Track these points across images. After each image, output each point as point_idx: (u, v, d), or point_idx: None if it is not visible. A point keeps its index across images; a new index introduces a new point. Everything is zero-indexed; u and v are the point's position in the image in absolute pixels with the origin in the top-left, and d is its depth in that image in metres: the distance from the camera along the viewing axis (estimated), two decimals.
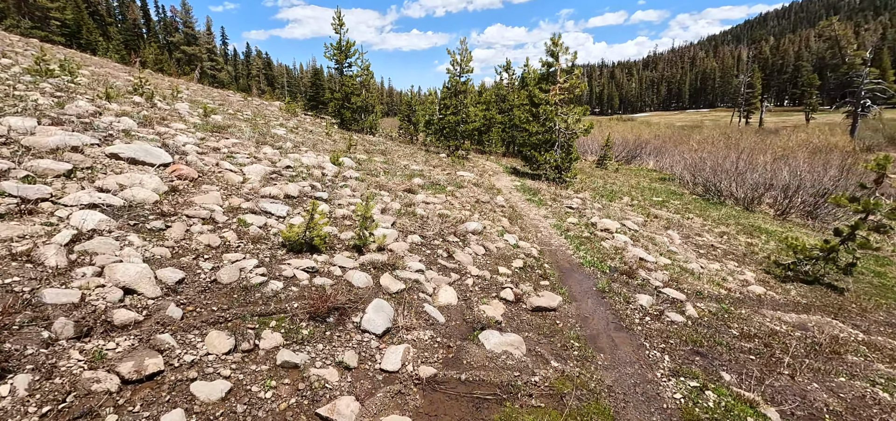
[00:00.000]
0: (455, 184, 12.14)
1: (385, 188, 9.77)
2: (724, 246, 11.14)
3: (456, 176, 14.59)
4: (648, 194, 17.81)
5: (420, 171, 14.00)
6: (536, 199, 12.23)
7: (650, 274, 7.52)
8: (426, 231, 7.47)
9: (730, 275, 8.61)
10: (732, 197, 17.56)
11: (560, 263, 7.57)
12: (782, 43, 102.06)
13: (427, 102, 25.28)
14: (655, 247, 9.35)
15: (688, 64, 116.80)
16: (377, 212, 7.85)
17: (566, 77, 16.25)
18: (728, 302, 7.04)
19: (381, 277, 5.36)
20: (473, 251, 7.17)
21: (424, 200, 9.45)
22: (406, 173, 12.40)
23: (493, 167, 19.71)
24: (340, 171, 10.24)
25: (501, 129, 26.93)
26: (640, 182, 22.65)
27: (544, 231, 9.29)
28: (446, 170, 15.48)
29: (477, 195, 11.34)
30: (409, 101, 27.16)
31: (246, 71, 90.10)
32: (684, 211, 14.70)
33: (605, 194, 15.78)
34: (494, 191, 12.90)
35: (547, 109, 16.15)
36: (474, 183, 13.45)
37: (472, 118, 20.12)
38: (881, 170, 8.30)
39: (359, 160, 13.11)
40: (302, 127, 18.82)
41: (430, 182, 11.68)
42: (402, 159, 16.32)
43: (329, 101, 29.74)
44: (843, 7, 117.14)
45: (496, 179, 15.95)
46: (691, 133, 41.56)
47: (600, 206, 13.08)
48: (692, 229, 12.38)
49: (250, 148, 10.60)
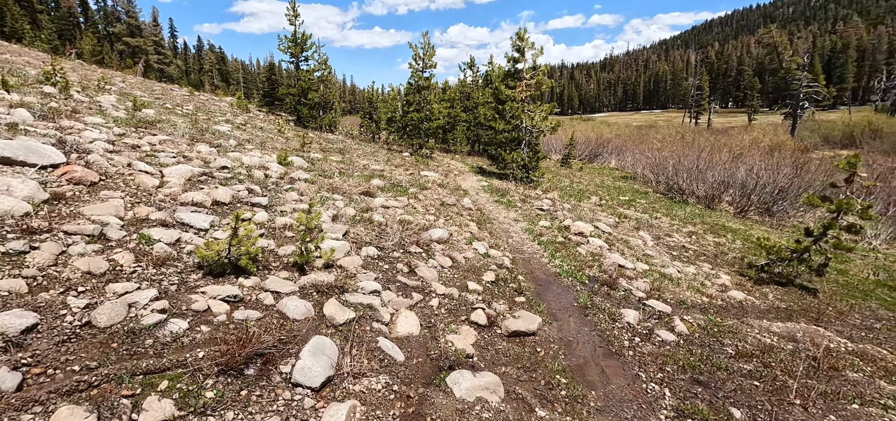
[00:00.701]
0: (418, 185, 11.14)
1: (339, 191, 8.63)
2: (695, 246, 10.77)
3: (419, 176, 13.59)
4: (615, 193, 17.52)
5: (380, 171, 12.90)
6: (505, 201, 11.44)
7: (631, 283, 6.84)
8: (384, 241, 6.44)
9: (707, 279, 8.12)
10: (694, 195, 17.57)
11: (535, 274, 6.75)
12: (726, 48, 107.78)
13: (389, 99, 24.09)
14: (631, 251, 8.76)
15: (642, 67, 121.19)
16: (327, 219, 6.73)
17: (533, 73, 15.61)
18: (713, 312, 6.47)
19: (326, 304, 4.30)
20: (439, 264, 6.21)
21: (384, 204, 8.40)
22: (365, 174, 11.27)
23: (459, 167, 18.86)
24: (288, 173, 8.99)
25: (466, 127, 26.16)
26: (605, 181, 22.50)
27: (516, 236, 8.48)
28: (409, 170, 14.44)
29: (442, 197, 10.40)
30: (370, 98, 25.86)
31: (198, 66, 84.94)
32: (651, 210, 14.40)
33: (574, 194, 15.28)
34: (461, 192, 12.01)
35: (513, 107, 15.44)
36: (439, 184, 12.51)
37: (437, 116, 19.18)
38: (852, 169, 8.05)
39: (312, 160, 11.84)
40: (251, 124, 17.20)
41: (391, 183, 10.62)
42: (362, 158, 15.14)
43: (285, 98, 27.98)
44: (778, 16, 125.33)
45: (462, 180, 15.08)
46: (648, 133, 42.55)
47: (570, 207, 12.48)
48: (662, 229, 11.99)
49: (182, 146, 9.15)
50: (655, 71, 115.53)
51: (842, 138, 41.37)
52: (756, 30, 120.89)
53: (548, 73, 15.62)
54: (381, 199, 8.65)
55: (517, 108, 15.39)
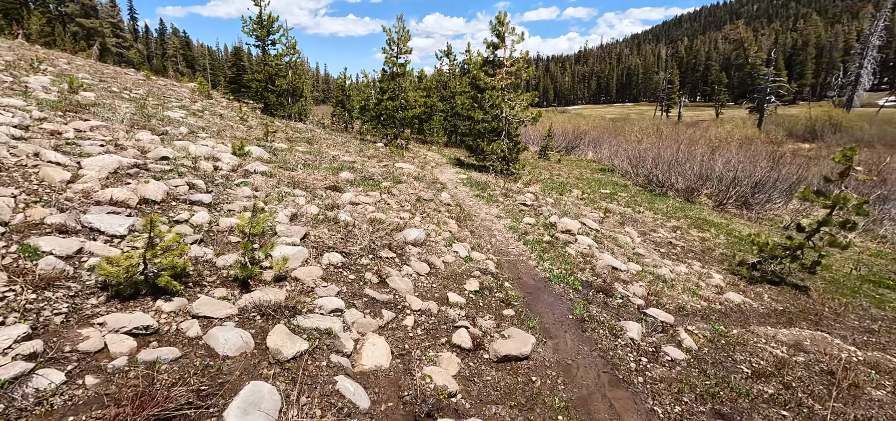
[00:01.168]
0: (392, 178, 10.20)
1: (302, 186, 7.61)
2: (681, 242, 10.30)
3: (394, 169, 12.63)
4: (595, 186, 17.04)
5: (351, 163, 11.87)
6: (486, 195, 10.65)
7: (627, 287, 6.17)
8: (352, 245, 5.52)
9: (700, 279, 7.59)
10: (673, 188, 17.30)
11: (523, 279, 5.98)
12: (695, 44, 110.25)
13: (362, 87, 22.88)
14: (621, 250, 8.13)
15: (615, 60, 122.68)
16: (284, 220, 5.74)
17: (513, 60, 14.81)
18: (715, 318, 5.88)
19: (272, 333, 3.38)
20: (414, 271, 5.35)
21: (353, 201, 7.45)
22: (333, 166, 10.24)
23: (436, 158, 17.95)
24: (243, 165, 7.89)
25: (443, 117, 25.23)
26: (584, 173, 22.08)
27: (499, 235, 7.70)
28: (383, 162, 13.45)
29: (418, 191, 9.50)
30: (342, 86, 24.54)
31: (160, 50, 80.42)
32: (634, 204, 13.94)
33: (555, 187, 14.65)
34: (438, 186, 11.14)
35: (492, 95, 14.63)
36: (415, 177, 11.60)
37: (413, 104, 18.17)
38: (848, 162, 7.64)
39: (275, 150, 10.71)
40: (211, 110, 15.78)
41: (362, 177, 9.64)
42: (332, 149, 14.03)
43: (251, 84, 26.32)
44: (743, 13, 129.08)
45: (439, 172, 14.20)
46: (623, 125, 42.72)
47: (553, 202, 11.81)
48: (646, 225, 11.49)
49: (118, 133, 7.92)
50: (628, 64, 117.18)
51: (804, 132, 42.69)
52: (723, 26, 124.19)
53: (524, 63, 14.87)
54: (349, 195, 7.69)
55: (497, 96, 14.58)
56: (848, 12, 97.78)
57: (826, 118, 42.61)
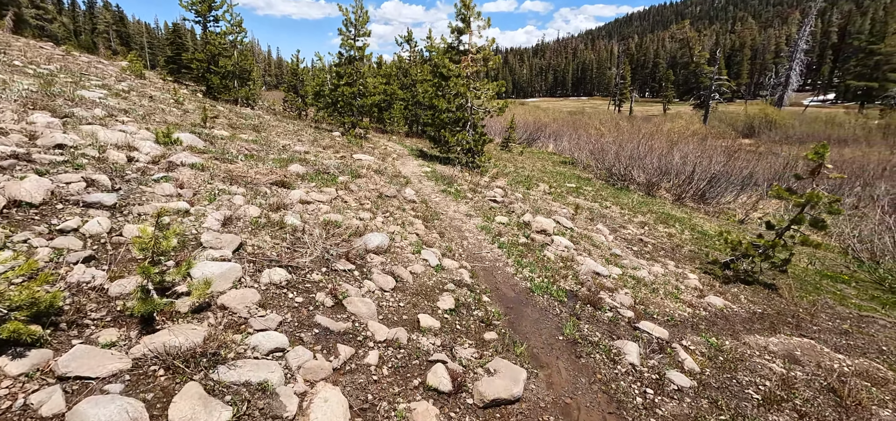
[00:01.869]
0: (350, 172, 9.14)
1: (242, 181, 6.43)
2: (651, 239, 10.02)
3: (352, 161, 11.52)
4: (560, 180, 16.72)
5: (304, 154, 10.66)
6: (453, 191, 9.83)
7: (613, 296, 5.59)
8: (300, 256, 4.52)
9: (678, 281, 7.21)
10: (635, 182, 17.32)
11: (502, 291, 5.24)
12: (644, 41, 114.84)
13: (317, 71, 21.29)
14: (598, 250, 7.61)
15: (570, 54, 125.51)
16: (213, 225, 4.63)
17: (479, 48, 14.02)
18: (704, 327, 5.44)
19: (177, 398, 2.38)
20: (378, 286, 4.45)
21: (304, 199, 6.38)
22: (282, 158, 9.01)
23: (397, 149, 16.90)
24: (167, 155, 6.57)
25: (404, 106, 24.11)
26: (547, 166, 21.84)
27: (471, 238, 6.91)
28: (340, 153, 12.28)
29: (379, 187, 8.52)
30: (295, 69, 22.75)
31: (90, 25, 72.83)
32: (600, 199, 13.67)
33: (522, 181, 14.11)
34: (401, 180, 10.19)
35: (458, 84, 13.79)
36: (375, 170, 10.57)
37: (372, 91, 16.96)
38: (819, 160, 7.51)
39: (213, 138, 9.31)
40: (139, 91, 13.87)
41: (316, 170, 8.51)
42: (282, 138, 12.66)
43: (191, 64, 23.94)
44: (688, 14, 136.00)
45: (402, 165, 13.22)
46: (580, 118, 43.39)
47: (521, 197, 11.21)
48: (615, 221, 11.17)
49: (4, 113, 6.36)
50: (582, 59, 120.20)
51: (744, 128, 45.34)
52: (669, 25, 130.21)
53: (493, 50, 14.14)
54: (300, 192, 6.59)
55: (462, 85, 13.76)
56: (778, 18, 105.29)
57: (762, 116, 45.40)
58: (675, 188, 16.83)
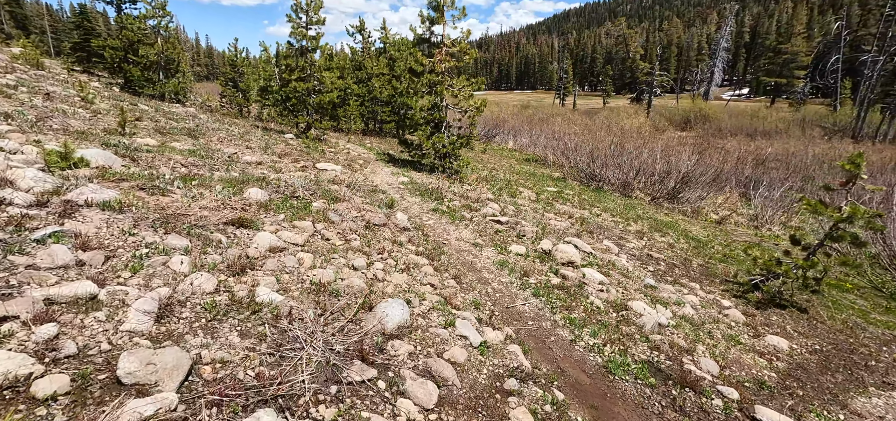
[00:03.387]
0: (323, 192, 7.28)
1: (183, 224, 4.48)
2: (660, 255, 9.18)
3: (317, 173, 9.59)
4: (537, 182, 15.73)
5: (258, 167, 8.61)
6: (445, 209, 8.30)
7: (696, 362, 4.43)
8: (291, 371, 2.83)
9: (721, 313, 6.31)
10: (608, 182, 16.78)
11: (571, 375, 3.87)
12: (582, 37, 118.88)
13: (260, 63, 18.60)
14: (631, 283, 6.49)
15: (514, 48, 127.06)
16: (141, 325, 2.79)
17: (453, 40, 12.50)
18: (798, 388, 4.45)
19: None
20: (417, 404, 2.88)
21: (275, 245, 4.57)
22: (233, 178, 6.96)
23: (360, 152, 14.97)
24: (65, 189, 4.45)
25: (360, 102, 21.98)
26: (514, 165, 20.88)
27: (494, 281, 5.47)
28: (300, 162, 10.26)
29: (363, 212, 6.79)
30: (233, 61, 19.80)
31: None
32: (587, 205, 12.79)
33: (503, 186, 12.87)
34: (382, 197, 8.48)
35: (432, 79, 12.20)
36: (349, 184, 8.76)
37: (329, 87, 14.85)
38: (855, 170, 6.91)
39: (135, 152, 7.06)
40: (32, 86, 10.90)
41: (282, 194, 6.59)
42: (228, 145, 10.39)
43: (103, 52, 20.20)
44: (620, 12, 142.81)
45: (373, 173, 11.44)
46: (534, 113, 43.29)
47: (514, 210, 9.95)
48: (613, 232, 10.27)
49: None
50: (526, 53, 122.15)
51: (680, 121, 47.82)
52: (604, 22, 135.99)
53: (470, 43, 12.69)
54: (267, 234, 4.76)
55: (437, 81, 12.19)
56: (699, 18, 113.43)
57: (697, 110, 48.06)
58: (648, 188, 16.49)
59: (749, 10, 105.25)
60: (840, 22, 42.22)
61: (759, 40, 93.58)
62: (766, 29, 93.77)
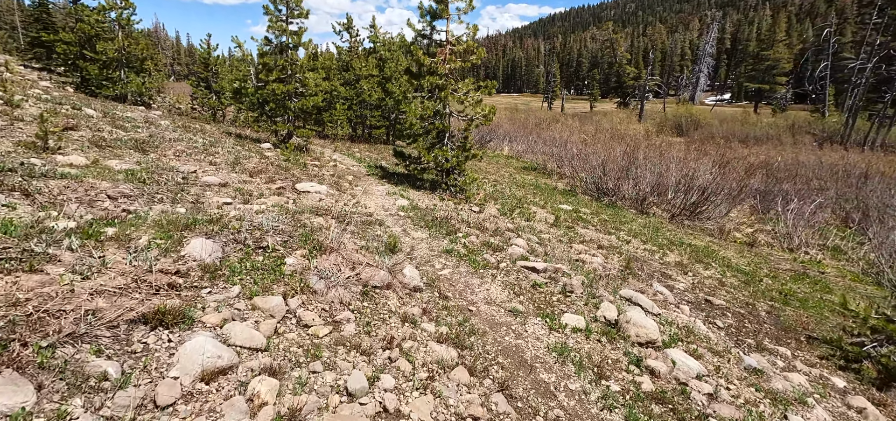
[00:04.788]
0: (304, 235, 5.29)
1: (45, 331, 2.51)
2: (714, 296, 7.49)
3: (298, 197, 7.59)
4: (547, 197, 13.98)
5: (219, 190, 6.59)
6: (461, 249, 6.38)
7: None
8: None
9: (844, 404, 4.60)
10: (622, 197, 15.14)
11: None
12: (568, 41, 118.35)
13: (235, 62, 16.40)
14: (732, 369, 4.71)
15: (501, 51, 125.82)
16: None
17: (457, 38, 10.63)
18: None
19: None
20: None
21: (212, 368, 2.63)
22: (175, 218, 4.91)
23: (350, 166, 12.96)
24: None
25: (347, 105, 19.92)
26: (514, 176, 19.14)
27: (562, 394, 3.49)
28: (276, 182, 8.24)
29: (361, 269, 4.84)
30: (205, 59, 17.51)
31: None
32: (614, 229, 11.07)
33: (513, 204, 11.06)
34: (382, 238, 6.53)
35: (434, 82, 10.31)
36: (337, 215, 6.78)
37: (313, 89, 12.80)
38: None
39: (44, 176, 4.99)
40: None
41: (241, 244, 4.59)
42: (186, 160, 8.30)
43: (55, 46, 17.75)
44: (604, 17, 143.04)
45: (366, 193, 9.46)
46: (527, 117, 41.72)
47: (536, 239, 8.13)
48: (652, 265, 8.55)
49: None
50: (512, 56, 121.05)
51: (672, 126, 46.91)
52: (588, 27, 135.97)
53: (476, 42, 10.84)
54: (202, 341, 2.81)
55: (440, 84, 10.30)
56: (682, 24, 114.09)
57: (688, 115, 47.24)
58: (665, 203, 14.91)
59: (730, 17, 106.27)
60: (828, 28, 41.82)
61: (740, 46, 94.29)
62: (746, 35, 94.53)
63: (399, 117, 19.03)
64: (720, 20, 77.07)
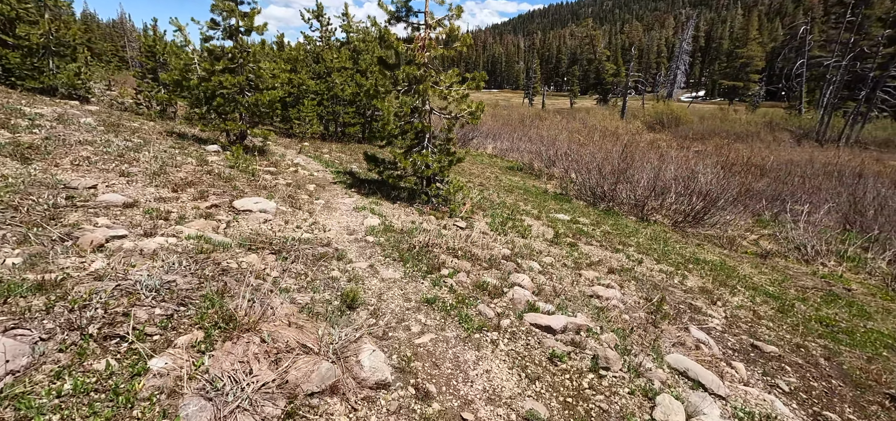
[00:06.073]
0: (208, 293, 3.46)
1: None
2: (760, 339, 6.01)
3: (234, 219, 5.67)
4: (538, 203, 12.38)
5: (121, 214, 4.58)
6: (446, 297, 4.63)
7: None
8: None
9: None
10: (619, 202, 13.69)
11: None
12: (548, 37, 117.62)
13: (173, 48, 14.13)
14: None
15: (481, 47, 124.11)
16: None
17: (439, 19, 8.83)
18: None
19: None
20: None
21: None
22: (9, 284, 3.01)
23: (314, 170, 11.02)
24: None
25: (317, 101, 17.84)
26: (501, 178, 17.51)
27: None
28: (210, 197, 6.29)
29: (289, 363, 3.05)
30: (152, 48, 15.15)
31: None
32: (617, 243, 9.53)
33: (506, 219, 9.39)
34: (337, 285, 4.72)
35: (411, 73, 8.50)
36: (278, 249, 4.95)
37: (269, 82, 10.79)
38: None
39: None
40: None
41: (72, 333, 2.74)
42: (88, 170, 6.23)
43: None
44: (582, 14, 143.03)
45: (327, 208, 7.60)
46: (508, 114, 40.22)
47: (538, 266, 6.47)
48: (676, 295, 7.03)
49: None
50: (492, 52, 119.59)
51: (653, 123, 46.28)
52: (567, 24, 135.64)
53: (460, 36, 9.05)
54: None
55: (419, 77, 8.49)
56: (657, 22, 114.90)
57: (668, 111, 46.69)
58: (664, 208, 13.53)
59: (703, 16, 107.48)
60: (805, 26, 41.76)
61: (714, 44, 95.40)
62: (719, 34, 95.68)
63: (375, 114, 17.11)
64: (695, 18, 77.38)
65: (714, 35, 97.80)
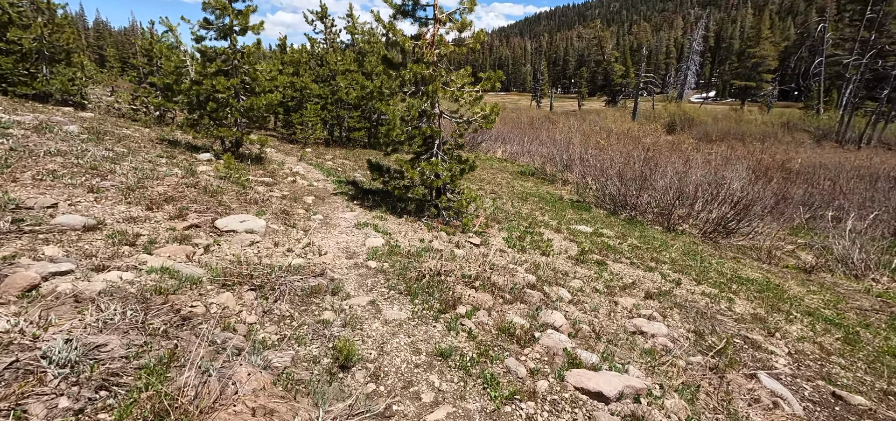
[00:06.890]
0: (153, 359, 2.58)
1: None
2: (840, 387, 4.98)
3: (215, 242, 4.77)
4: (556, 213, 11.40)
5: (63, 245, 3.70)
6: (466, 346, 3.73)
7: None
8: None
9: None
10: (642, 211, 12.64)
11: None
12: (555, 39, 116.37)
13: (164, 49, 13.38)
14: None
15: (487, 50, 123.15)
16: None
17: (449, 13, 7.92)
18: None
19: None
20: None
21: None
22: None
23: (315, 180, 10.16)
24: None
25: (321, 105, 17.03)
26: (512, 183, 16.56)
27: None
28: (191, 215, 5.41)
29: None
30: (149, 51, 14.45)
31: None
32: (648, 258, 8.52)
33: (524, 232, 8.43)
34: (329, 338, 3.82)
35: (420, 73, 7.59)
36: (260, 283, 4.06)
37: (265, 84, 9.96)
38: None
39: None
40: None
41: None
42: (49, 186, 5.38)
43: None
44: (589, 16, 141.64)
45: (326, 225, 6.70)
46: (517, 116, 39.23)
47: (567, 294, 5.51)
48: (726, 325, 6.01)
49: None
50: (499, 55, 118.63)
51: (666, 125, 44.94)
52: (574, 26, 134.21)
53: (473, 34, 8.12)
54: None
55: (428, 77, 7.58)
56: (666, 23, 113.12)
57: (682, 113, 45.35)
58: (692, 217, 12.46)
59: (713, 15, 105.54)
60: (823, 24, 40.22)
61: (724, 44, 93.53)
62: (729, 34, 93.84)
63: (381, 119, 16.26)
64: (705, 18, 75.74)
65: (724, 35, 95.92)
